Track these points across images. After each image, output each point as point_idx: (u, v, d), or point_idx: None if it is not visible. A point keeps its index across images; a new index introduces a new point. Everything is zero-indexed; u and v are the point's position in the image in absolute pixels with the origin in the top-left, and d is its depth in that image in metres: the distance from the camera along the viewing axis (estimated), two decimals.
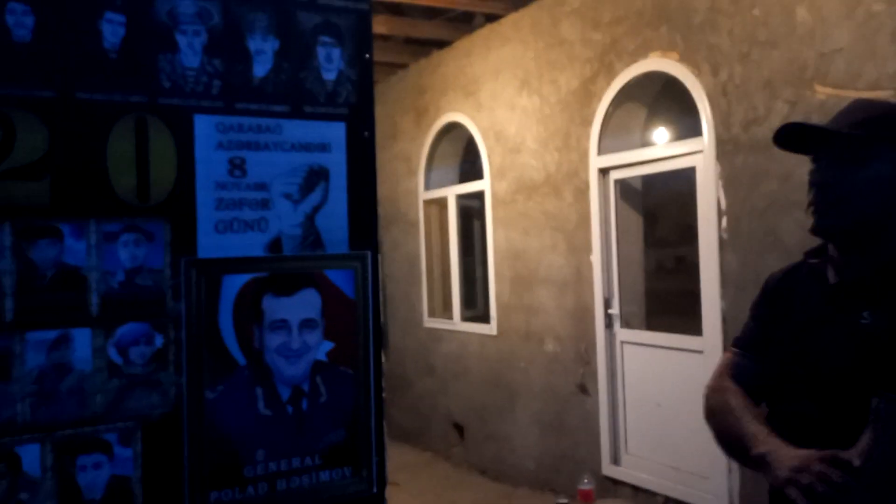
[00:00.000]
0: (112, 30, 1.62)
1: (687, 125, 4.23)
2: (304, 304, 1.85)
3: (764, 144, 3.61)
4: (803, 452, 1.28)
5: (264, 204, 1.80)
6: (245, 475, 1.77)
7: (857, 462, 1.20)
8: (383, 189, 7.17)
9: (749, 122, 3.70)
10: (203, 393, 1.72)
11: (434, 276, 6.63)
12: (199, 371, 1.71)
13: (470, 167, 6.28)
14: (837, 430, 1.29)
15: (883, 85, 3.13)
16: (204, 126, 1.72)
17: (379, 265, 1.98)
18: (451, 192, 6.29)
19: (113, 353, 1.62)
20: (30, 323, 1.54)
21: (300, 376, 1.84)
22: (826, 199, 1.42)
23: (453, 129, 6.22)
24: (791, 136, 1.50)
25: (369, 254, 1.93)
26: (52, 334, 1.56)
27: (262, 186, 1.80)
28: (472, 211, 6.34)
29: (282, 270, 1.82)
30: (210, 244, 1.73)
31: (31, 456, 1.54)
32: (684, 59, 4.02)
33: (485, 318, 5.94)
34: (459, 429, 6.32)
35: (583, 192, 4.78)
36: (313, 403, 1.86)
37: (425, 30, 6.10)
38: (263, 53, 1.79)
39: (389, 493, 2.01)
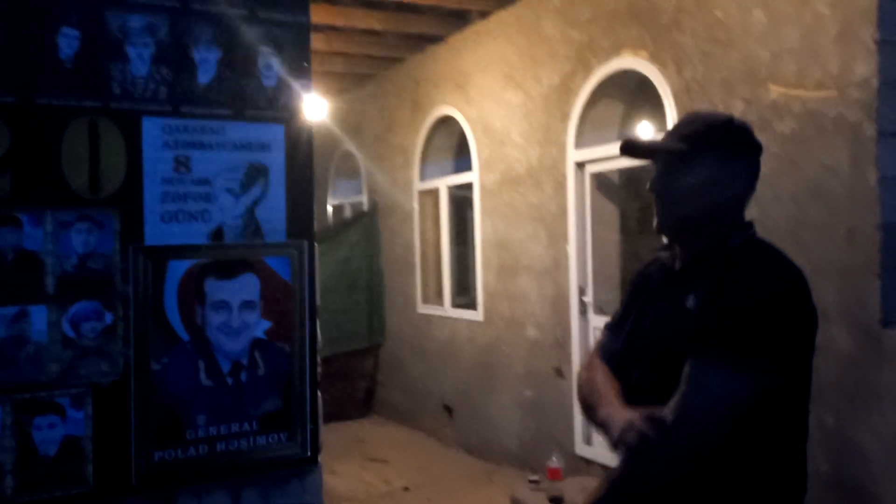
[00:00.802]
0: (68, 42, 1.84)
1: (659, 122, 4.38)
2: (244, 287, 2.07)
3: None
4: (629, 414, 1.49)
5: (207, 197, 2.01)
6: (187, 437, 2.00)
7: (669, 418, 1.41)
8: (382, 180, 7.39)
9: None
10: (149, 364, 1.95)
11: (428, 265, 6.84)
12: (145, 344, 1.94)
13: (466, 160, 6.46)
14: (662, 394, 1.49)
15: (827, 85, 3.28)
16: (152, 128, 1.94)
17: (316, 254, 2.19)
18: (443, 183, 6.49)
19: (67, 327, 1.85)
20: None
21: (239, 351, 2.06)
22: (659, 203, 1.62)
23: (447, 121, 6.41)
24: (632, 150, 1.70)
25: (306, 243, 2.14)
26: (12, 310, 1.79)
27: (205, 182, 2.01)
28: (465, 201, 6.53)
29: (223, 257, 2.03)
30: (156, 233, 1.95)
31: None
32: (653, 57, 4.18)
33: (475, 305, 6.15)
34: (449, 409, 6.55)
35: (561, 184, 4.96)
36: (252, 375, 2.08)
37: (420, 25, 6.27)
38: (207, 62, 2.00)
39: (323, 459, 2.23)
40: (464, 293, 6.61)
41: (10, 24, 1.78)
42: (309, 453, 2.16)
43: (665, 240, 1.73)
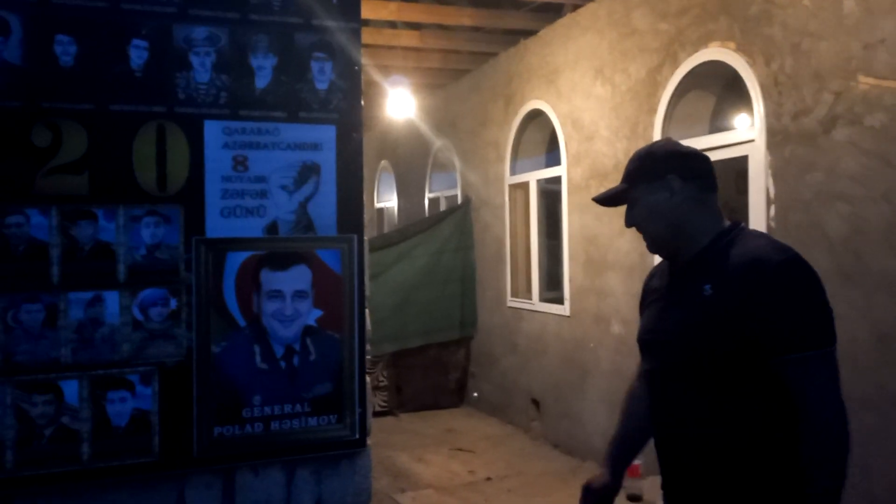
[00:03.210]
0: (138, 53, 2.04)
1: (748, 115, 4.24)
2: (297, 278, 2.22)
3: (811, 136, 3.61)
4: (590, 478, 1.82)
5: (263, 194, 2.17)
6: (244, 415, 2.17)
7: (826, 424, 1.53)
8: (474, 175, 7.48)
9: (798, 112, 3.70)
10: (209, 347, 2.13)
11: (518, 258, 6.87)
12: (206, 329, 2.12)
13: (556, 154, 6.45)
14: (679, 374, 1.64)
15: None
16: (212, 130, 2.11)
17: (365, 247, 2.31)
18: (533, 177, 6.50)
19: (136, 311, 2.06)
20: (71, 285, 1.99)
21: (292, 337, 2.21)
22: (641, 233, 1.76)
23: (537, 116, 6.42)
24: (605, 201, 1.82)
25: (355, 237, 2.27)
26: (88, 295, 2.01)
27: (261, 179, 2.17)
28: (555, 195, 6.52)
29: (277, 249, 2.19)
30: (217, 226, 2.12)
31: (71, 389, 2.00)
32: (741, 49, 4.04)
33: (562, 300, 6.14)
34: (537, 404, 6.57)
35: None
36: (304, 360, 2.23)
37: (514, 20, 6.31)
38: (264, 69, 2.16)
39: (372, 440, 2.35)
40: (553, 287, 6.61)
41: (86, 38, 1.99)
42: (357, 436, 2.29)
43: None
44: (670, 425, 1.68)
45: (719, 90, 4.71)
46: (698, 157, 1.72)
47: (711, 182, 1.72)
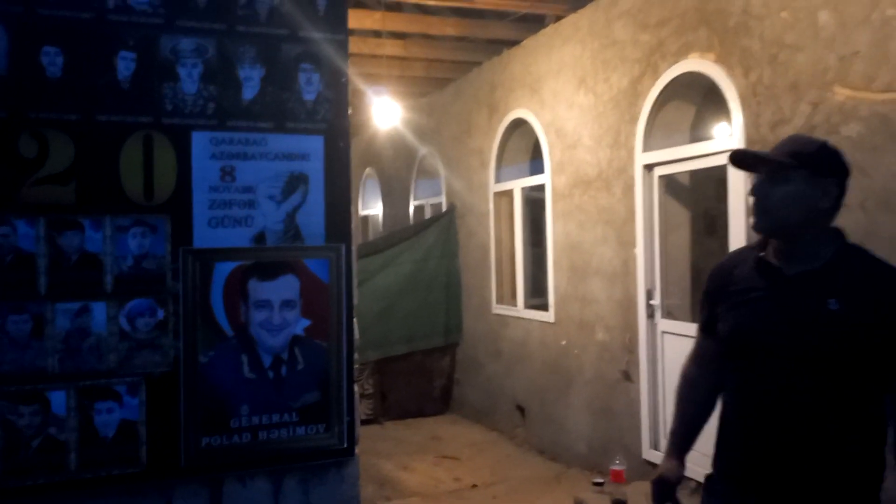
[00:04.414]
0: (125, 64, 2.04)
1: (727, 125, 4.30)
2: (284, 287, 2.22)
3: None
4: (661, 468, 2.02)
5: (251, 204, 2.18)
6: (231, 425, 2.17)
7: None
8: (459, 182, 7.52)
9: (776, 122, 3.76)
10: (197, 357, 2.13)
11: (502, 265, 6.91)
12: (193, 339, 2.12)
13: (540, 162, 6.49)
14: (795, 385, 1.75)
15: (895, 87, 3.15)
16: (200, 140, 2.12)
17: (353, 256, 2.32)
18: (517, 185, 6.55)
19: (123, 321, 2.05)
20: (58, 295, 1.99)
21: (280, 347, 2.22)
22: (759, 206, 1.84)
23: (521, 124, 6.47)
24: (741, 159, 1.92)
25: (343, 246, 2.28)
26: (75, 305, 2.01)
27: (249, 189, 2.18)
28: (539, 203, 6.56)
29: (265, 259, 2.19)
30: (204, 236, 2.13)
31: (58, 399, 1.99)
32: (720, 60, 4.11)
33: (547, 307, 6.18)
34: (522, 410, 6.60)
35: (630, 187, 4.93)
36: (291, 370, 2.23)
37: (496, 30, 6.36)
38: (251, 80, 2.17)
39: (359, 449, 2.36)
40: (538, 294, 6.65)
41: (73, 49, 1.99)
42: (346, 445, 2.30)
43: (761, 238, 1.92)
44: (781, 417, 1.77)
45: (699, 100, 4.77)
46: (849, 175, 1.84)
47: (843, 200, 1.84)
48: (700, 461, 2.17)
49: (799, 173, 1.78)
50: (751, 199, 1.88)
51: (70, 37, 1.99)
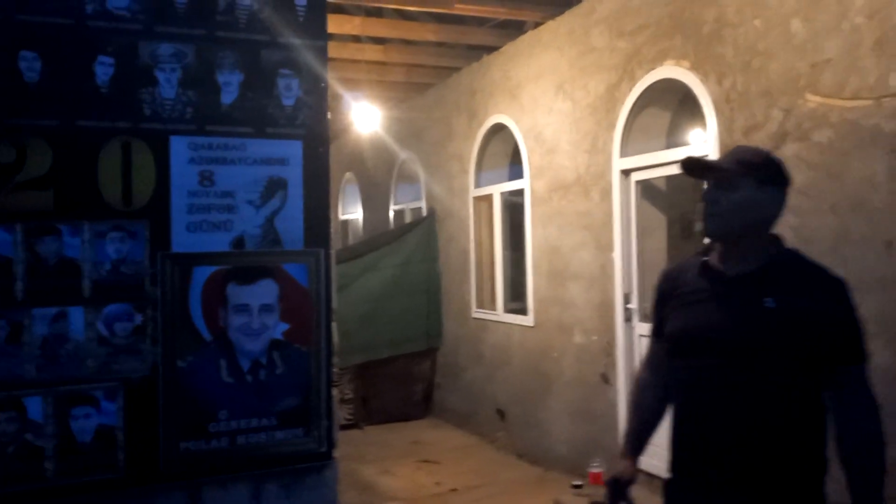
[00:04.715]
0: (104, 70, 2.05)
1: (702, 131, 4.36)
2: (264, 292, 2.23)
3: None
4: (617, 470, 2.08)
5: (230, 209, 2.19)
6: (210, 430, 2.18)
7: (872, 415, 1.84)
8: (439, 187, 7.54)
9: (749, 128, 3.82)
10: (175, 361, 2.14)
11: (482, 270, 6.94)
12: (172, 344, 2.13)
13: (520, 167, 6.53)
14: (730, 377, 1.82)
15: (863, 95, 3.22)
16: (178, 145, 2.12)
17: (332, 261, 2.34)
18: (497, 190, 6.59)
19: (101, 326, 2.05)
20: (36, 301, 1.98)
21: (259, 351, 2.23)
22: (708, 212, 1.91)
23: (501, 129, 6.51)
24: (692, 167, 1.97)
25: (322, 251, 2.30)
26: (52, 311, 2.00)
27: (228, 194, 2.19)
28: (518, 207, 6.60)
29: (243, 263, 2.21)
30: (183, 241, 2.14)
31: (35, 406, 1.99)
32: (694, 67, 4.17)
33: (526, 311, 6.21)
34: (502, 414, 6.62)
35: (608, 192, 4.98)
36: (270, 374, 2.24)
37: (476, 36, 6.40)
38: (230, 85, 2.18)
39: (338, 453, 2.37)
40: (517, 298, 6.68)
41: (51, 55, 1.99)
42: (325, 448, 2.31)
43: (707, 244, 2.00)
44: (720, 417, 1.85)
45: (675, 106, 4.84)
46: (790, 185, 1.94)
47: (783, 209, 1.94)
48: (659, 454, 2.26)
49: (746, 181, 1.86)
50: (701, 206, 1.96)
51: (48, 42, 1.99)
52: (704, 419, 1.89)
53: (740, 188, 1.86)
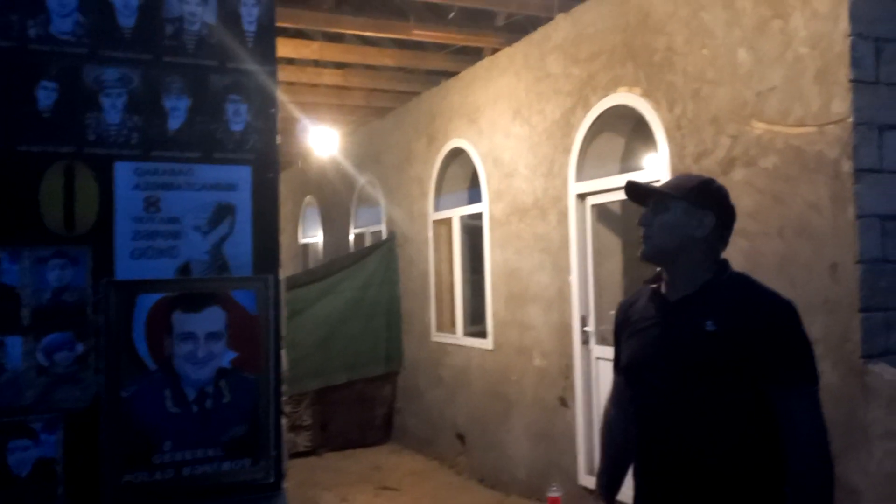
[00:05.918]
0: (46, 94, 2.01)
1: (654, 156, 4.44)
2: (210, 319, 2.19)
3: (712, 176, 3.82)
4: None
5: (176, 235, 2.15)
6: (154, 462, 2.12)
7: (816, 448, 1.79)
8: (399, 211, 7.55)
9: (699, 154, 3.91)
10: (118, 392, 2.08)
11: (442, 293, 6.95)
12: (115, 373, 2.07)
13: (479, 191, 6.57)
14: (676, 397, 1.84)
15: (807, 122, 3.31)
16: (123, 171, 2.09)
17: (281, 287, 2.31)
18: (456, 213, 6.62)
19: (41, 356, 1.99)
20: None
21: (205, 380, 2.18)
22: (644, 235, 1.99)
23: (459, 153, 6.55)
24: (632, 191, 2.07)
25: (271, 277, 2.27)
26: None
27: (174, 220, 2.15)
28: (477, 231, 6.63)
29: (189, 290, 2.16)
30: (127, 268, 2.09)
31: None
32: (646, 94, 4.25)
33: (486, 334, 6.22)
34: (462, 438, 6.60)
35: (565, 215, 5.03)
36: (217, 403, 2.20)
37: (434, 61, 6.45)
38: (178, 110, 2.15)
39: (288, 483, 2.33)
40: (477, 321, 6.69)
41: None
42: (273, 479, 2.26)
43: (657, 271, 2.04)
44: (670, 441, 1.87)
45: (629, 132, 4.92)
46: (733, 216, 1.98)
47: (728, 239, 1.98)
48: None
49: (678, 204, 1.92)
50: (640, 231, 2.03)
51: None
52: (658, 445, 1.90)
53: (670, 210, 1.92)
